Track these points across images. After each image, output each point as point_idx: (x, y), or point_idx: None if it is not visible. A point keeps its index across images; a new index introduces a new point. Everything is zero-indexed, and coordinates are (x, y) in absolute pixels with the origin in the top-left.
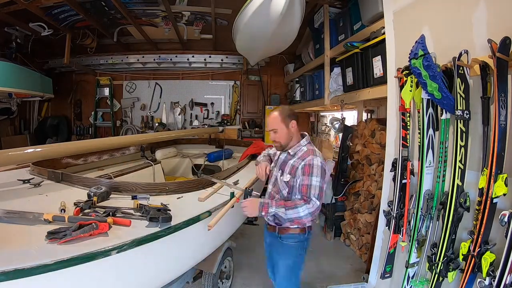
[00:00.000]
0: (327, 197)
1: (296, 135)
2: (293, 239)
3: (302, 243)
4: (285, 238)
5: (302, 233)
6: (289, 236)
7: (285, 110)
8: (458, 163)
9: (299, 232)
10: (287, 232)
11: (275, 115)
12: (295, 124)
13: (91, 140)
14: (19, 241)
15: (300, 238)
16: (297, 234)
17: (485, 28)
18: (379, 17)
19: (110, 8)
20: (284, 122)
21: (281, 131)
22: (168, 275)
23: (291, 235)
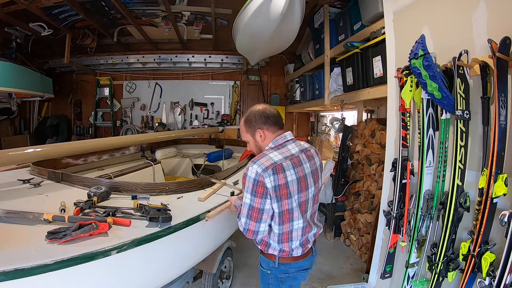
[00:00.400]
0: (327, 197)
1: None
2: (264, 263)
3: (272, 273)
4: (260, 260)
5: (271, 260)
6: (262, 259)
7: (250, 115)
8: (458, 163)
9: (268, 257)
10: (261, 252)
11: (242, 123)
12: (262, 132)
13: (91, 140)
14: (19, 241)
15: (269, 266)
16: (267, 260)
17: (485, 28)
18: (379, 17)
19: (110, 8)
20: (249, 131)
21: (250, 143)
22: (168, 275)
23: (263, 259)
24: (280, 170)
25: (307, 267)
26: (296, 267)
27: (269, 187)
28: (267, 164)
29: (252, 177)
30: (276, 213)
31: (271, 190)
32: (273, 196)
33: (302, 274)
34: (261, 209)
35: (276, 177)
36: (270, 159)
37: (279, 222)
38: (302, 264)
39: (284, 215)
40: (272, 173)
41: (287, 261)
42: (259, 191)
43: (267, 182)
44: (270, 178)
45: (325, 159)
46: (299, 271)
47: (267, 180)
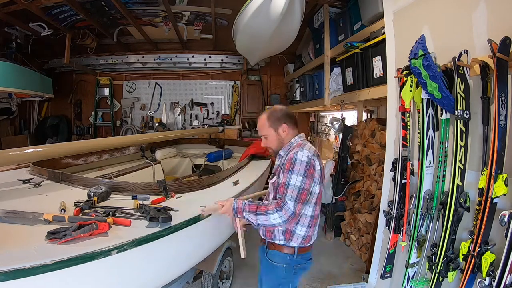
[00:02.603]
0: (327, 197)
1: (288, 139)
2: (278, 258)
3: (289, 265)
4: (271, 255)
5: (289, 253)
6: (275, 254)
7: (274, 112)
8: (458, 163)
9: (285, 251)
10: (274, 248)
11: (263, 119)
12: (286, 128)
13: (91, 140)
14: (19, 241)
15: (286, 260)
16: (283, 254)
17: (485, 28)
18: (379, 17)
19: (110, 8)
20: (273, 127)
21: (271, 137)
22: (168, 275)
23: (277, 254)
24: (319, 156)
25: (311, 257)
26: (308, 257)
27: (317, 169)
28: (312, 150)
29: (304, 160)
30: (314, 194)
31: (318, 172)
32: (318, 179)
33: (310, 263)
34: (311, 190)
35: (320, 162)
36: (311, 147)
37: (314, 203)
38: (310, 254)
39: (318, 197)
40: (317, 157)
41: (305, 251)
42: (311, 173)
43: (316, 165)
44: (317, 162)
45: (325, 159)
46: (309, 260)
47: (316, 164)
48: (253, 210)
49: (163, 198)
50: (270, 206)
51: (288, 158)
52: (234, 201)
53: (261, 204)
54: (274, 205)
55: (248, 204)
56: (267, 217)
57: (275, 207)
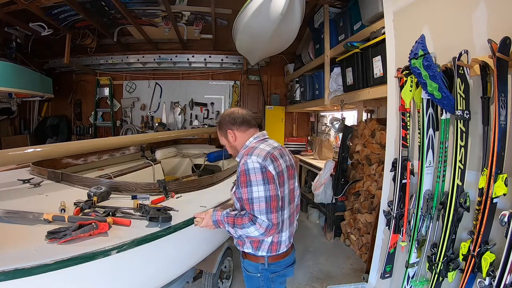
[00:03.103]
0: (327, 197)
1: (240, 143)
2: (251, 267)
3: (263, 275)
4: (245, 265)
5: (260, 262)
6: (248, 264)
7: (220, 119)
8: (458, 163)
9: (256, 261)
10: (246, 258)
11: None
12: (232, 133)
13: (91, 140)
14: (19, 241)
15: (258, 269)
16: (255, 263)
17: (485, 28)
18: (379, 17)
19: (110, 8)
20: (222, 134)
21: (226, 144)
22: (168, 275)
23: (250, 263)
24: (276, 157)
25: (293, 262)
26: (284, 265)
27: (274, 174)
28: (263, 154)
29: (256, 167)
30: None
31: (276, 177)
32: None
33: (290, 270)
34: (278, 195)
35: (275, 164)
36: (262, 150)
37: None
38: (288, 261)
39: (281, 203)
40: (271, 161)
41: (277, 260)
42: (270, 177)
43: (271, 170)
44: (271, 166)
45: (325, 159)
46: (287, 267)
47: (270, 168)
48: (231, 222)
49: (163, 198)
50: (245, 218)
51: (240, 171)
52: (214, 213)
53: (238, 216)
54: (248, 218)
55: (226, 216)
56: (245, 230)
57: (248, 220)
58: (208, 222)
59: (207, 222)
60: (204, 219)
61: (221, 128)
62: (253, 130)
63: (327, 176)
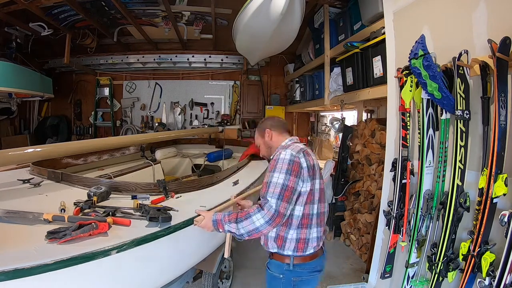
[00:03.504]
0: (327, 197)
1: (276, 143)
2: (275, 267)
3: (286, 277)
4: (270, 264)
5: (285, 263)
6: (272, 263)
7: (261, 122)
8: (458, 163)
9: (281, 260)
10: (273, 257)
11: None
12: (269, 132)
13: (91, 140)
14: (19, 241)
15: (282, 269)
16: (279, 263)
17: (485, 28)
18: (379, 17)
19: (110, 8)
20: (260, 133)
21: (261, 144)
22: (168, 275)
23: (274, 263)
24: (308, 153)
25: (320, 269)
26: (310, 268)
27: (304, 167)
28: (297, 149)
29: (287, 158)
30: (303, 193)
31: (305, 169)
32: (306, 176)
33: (315, 277)
34: (295, 188)
35: (307, 158)
36: (297, 146)
37: (304, 202)
38: (315, 265)
39: (309, 196)
40: (303, 155)
41: (302, 261)
42: (295, 169)
43: (302, 162)
44: (303, 159)
45: (325, 159)
46: (313, 272)
47: (302, 160)
48: (233, 218)
49: (163, 198)
50: (251, 208)
51: (272, 160)
52: (214, 214)
53: (241, 211)
54: (255, 207)
55: (228, 215)
56: (249, 220)
57: (257, 207)
58: (207, 222)
59: (206, 222)
60: (204, 219)
61: (260, 128)
62: (288, 135)
63: (327, 176)
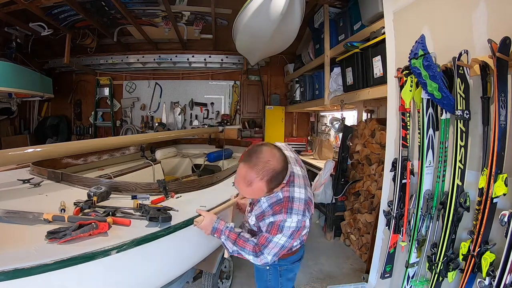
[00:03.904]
0: (327, 197)
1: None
2: None
3: (273, 267)
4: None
5: None
6: None
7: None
8: (458, 163)
9: None
10: None
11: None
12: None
13: (91, 140)
14: (19, 241)
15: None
16: None
17: (485, 28)
18: (379, 17)
19: (110, 8)
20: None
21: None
22: (168, 275)
23: None
24: (310, 202)
25: (300, 258)
26: (292, 260)
27: (307, 225)
28: (302, 207)
29: (294, 226)
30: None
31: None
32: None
33: (297, 265)
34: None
35: (310, 210)
36: (300, 201)
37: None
38: (296, 257)
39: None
40: (308, 212)
41: (286, 256)
42: (299, 233)
43: (307, 222)
44: (308, 216)
45: (325, 159)
46: (295, 262)
47: (307, 219)
48: (233, 239)
49: (163, 198)
50: (248, 245)
51: (275, 223)
52: (217, 220)
53: (241, 237)
54: (252, 247)
55: (230, 231)
56: (243, 253)
57: (252, 250)
58: (207, 226)
59: (206, 225)
60: (204, 220)
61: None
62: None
63: (327, 176)
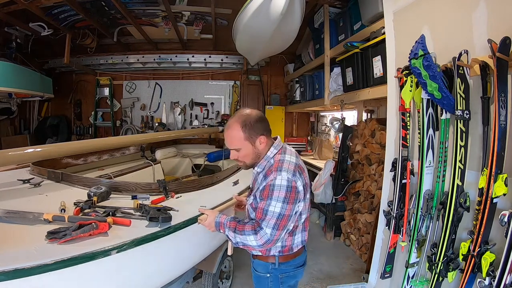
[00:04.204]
0: (327, 197)
1: (265, 151)
2: (261, 267)
3: (273, 275)
4: (255, 265)
5: (270, 262)
6: (258, 264)
7: (249, 119)
8: (458, 163)
9: (266, 260)
10: (257, 257)
11: (236, 129)
12: (264, 139)
13: (91, 140)
14: (19, 241)
15: (268, 269)
16: (264, 263)
17: (485, 28)
18: (379, 17)
19: (110, 8)
20: (250, 139)
21: (246, 151)
22: (168, 275)
23: (259, 263)
24: (302, 169)
25: (303, 263)
26: (294, 265)
27: (300, 190)
28: (292, 167)
29: (284, 185)
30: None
31: (301, 192)
32: (301, 197)
33: (300, 271)
34: (291, 215)
35: (302, 177)
36: (290, 163)
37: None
38: (299, 261)
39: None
40: (299, 175)
41: (287, 259)
42: (292, 197)
43: (299, 185)
44: (299, 181)
45: (325, 159)
46: (297, 267)
47: (299, 183)
48: (233, 226)
49: (163, 198)
50: (247, 226)
51: (266, 185)
52: (219, 214)
53: (240, 223)
54: (251, 227)
55: (230, 220)
56: (244, 237)
57: (251, 229)
58: (210, 222)
59: (209, 222)
60: (208, 217)
61: (252, 132)
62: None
63: (327, 176)
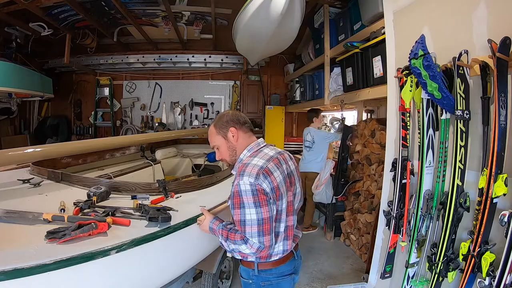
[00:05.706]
0: (327, 197)
1: (241, 146)
2: (244, 272)
3: (255, 282)
4: (240, 270)
5: (250, 268)
6: (242, 269)
7: (221, 117)
8: (458, 163)
9: (247, 265)
10: (241, 263)
11: (211, 128)
12: (235, 131)
13: (91, 140)
14: (18, 240)
15: (249, 275)
16: (246, 268)
17: (485, 28)
18: (379, 17)
19: (110, 8)
20: (221, 133)
21: (222, 147)
22: (168, 275)
23: (242, 268)
24: (269, 172)
25: (290, 272)
26: (276, 273)
27: (268, 191)
28: (255, 171)
29: (248, 190)
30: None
31: (270, 193)
32: (272, 200)
33: (286, 281)
34: (271, 216)
35: (269, 180)
36: (254, 166)
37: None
38: (283, 270)
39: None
40: (264, 178)
41: (266, 267)
42: (263, 199)
43: (265, 187)
44: (265, 183)
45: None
46: (282, 277)
47: (265, 185)
48: (225, 235)
49: (162, 198)
50: (237, 235)
51: (233, 192)
52: (212, 220)
53: (231, 231)
54: (240, 236)
55: (222, 228)
56: (237, 246)
57: (240, 238)
58: (206, 226)
59: (204, 225)
60: (204, 220)
61: (222, 126)
62: (252, 137)
63: (327, 176)
